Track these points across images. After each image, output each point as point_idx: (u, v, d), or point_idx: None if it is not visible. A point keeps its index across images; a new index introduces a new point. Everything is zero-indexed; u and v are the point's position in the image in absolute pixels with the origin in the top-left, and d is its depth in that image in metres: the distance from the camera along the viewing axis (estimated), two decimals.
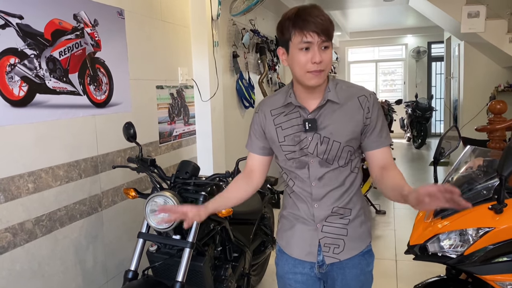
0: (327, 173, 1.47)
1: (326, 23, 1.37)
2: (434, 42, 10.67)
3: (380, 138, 1.47)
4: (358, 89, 1.48)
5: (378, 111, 1.47)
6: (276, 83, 5.92)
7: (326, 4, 6.58)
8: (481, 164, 1.99)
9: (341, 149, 1.45)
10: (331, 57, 1.41)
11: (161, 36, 3.02)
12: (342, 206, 1.49)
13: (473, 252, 1.72)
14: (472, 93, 6.20)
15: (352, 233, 1.51)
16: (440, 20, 6.24)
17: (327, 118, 1.45)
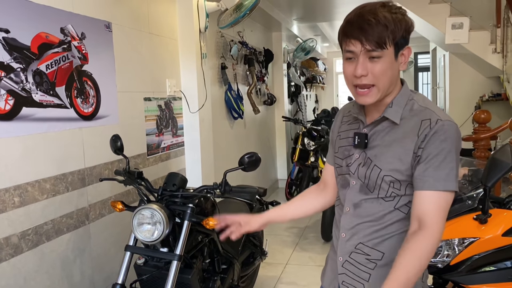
0: (364, 202, 1.24)
1: (376, 28, 1.13)
2: (420, 53, 10.83)
3: (426, 175, 1.14)
4: (430, 111, 1.19)
5: (442, 144, 1.13)
6: (265, 94, 5.96)
7: (313, 16, 6.67)
8: (466, 173, 2.02)
9: (381, 177, 1.20)
10: (384, 69, 1.17)
11: (148, 48, 3.04)
12: (371, 245, 1.24)
13: (459, 262, 1.74)
14: (457, 103, 6.31)
15: (376, 281, 1.23)
16: (426, 32, 6.35)
17: (379, 137, 1.24)
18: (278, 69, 6.63)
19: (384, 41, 1.15)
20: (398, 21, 1.16)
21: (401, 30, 1.16)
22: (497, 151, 1.72)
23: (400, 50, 1.18)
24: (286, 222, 1.88)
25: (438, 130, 1.14)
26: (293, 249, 4.21)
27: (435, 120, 1.15)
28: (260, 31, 6.01)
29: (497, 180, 1.65)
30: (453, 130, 1.15)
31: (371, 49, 1.15)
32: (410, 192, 1.19)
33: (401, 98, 1.23)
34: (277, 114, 6.71)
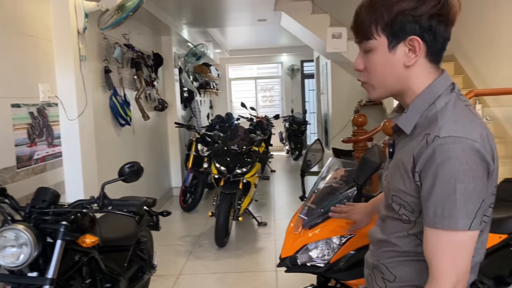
0: (387, 218, 1.11)
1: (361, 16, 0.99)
2: (305, 61, 11.45)
3: (426, 211, 0.95)
4: (435, 122, 0.95)
5: (437, 169, 0.90)
6: (155, 99, 5.77)
7: (203, 21, 6.65)
8: (343, 174, 2.13)
9: (391, 197, 1.05)
10: (376, 65, 1.01)
11: (17, 49, 2.73)
12: (386, 265, 1.11)
13: (338, 259, 1.81)
14: (339, 108, 6.76)
15: None
16: (309, 40, 6.70)
17: (398, 148, 1.07)
18: (169, 74, 6.48)
19: (368, 30, 0.98)
20: (392, 3, 0.95)
21: (394, 14, 0.95)
22: (367, 151, 1.83)
23: (399, 41, 0.97)
24: None
25: (434, 150, 0.91)
26: (187, 258, 4.11)
27: (433, 137, 0.92)
28: (149, 34, 5.82)
29: (367, 178, 1.76)
30: (459, 148, 0.89)
31: (359, 41, 1.03)
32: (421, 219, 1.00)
33: (421, 101, 0.99)
34: (169, 120, 6.55)
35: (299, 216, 1.98)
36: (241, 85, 12.19)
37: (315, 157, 2.26)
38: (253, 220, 5.14)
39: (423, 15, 0.94)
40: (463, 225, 0.90)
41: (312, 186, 2.13)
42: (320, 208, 1.92)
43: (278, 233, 4.76)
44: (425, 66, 0.99)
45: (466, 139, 0.90)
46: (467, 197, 0.89)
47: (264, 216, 5.40)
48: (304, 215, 1.94)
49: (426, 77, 1.00)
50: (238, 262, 3.98)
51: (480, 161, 0.90)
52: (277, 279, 3.58)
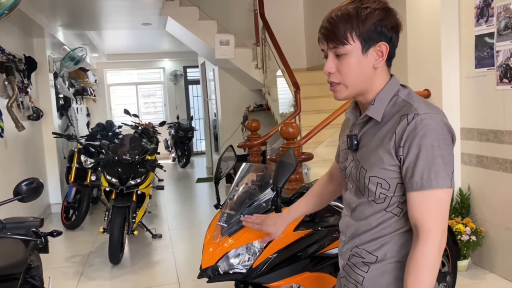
0: (358, 205, 1.22)
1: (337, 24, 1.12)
2: (189, 66, 11.40)
3: (412, 175, 1.09)
4: (409, 106, 1.13)
5: (422, 140, 1.07)
6: (29, 107, 5.20)
7: (80, 23, 6.20)
8: (255, 179, 2.16)
9: (368, 178, 1.16)
10: (352, 66, 1.14)
11: None
12: (366, 249, 1.21)
13: (260, 263, 1.82)
14: (228, 113, 6.86)
15: (369, 283, 1.21)
16: (196, 46, 6.70)
17: (366, 137, 1.21)
18: (43, 80, 5.90)
19: (346, 37, 1.12)
20: (364, 15, 1.11)
21: (368, 24, 1.12)
22: (284, 155, 1.88)
23: (370, 46, 1.14)
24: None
25: (416, 125, 1.08)
26: (78, 280, 3.77)
27: (413, 115, 1.09)
28: (19, 36, 5.24)
29: (286, 180, 1.81)
30: (435, 122, 1.08)
31: (333, 46, 1.15)
32: (399, 193, 1.14)
33: (385, 94, 1.18)
34: (45, 130, 5.96)
35: (218, 224, 1.95)
36: (121, 91, 11.64)
37: (228, 164, 2.25)
38: (147, 232, 4.93)
39: (387, 26, 1.14)
40: (446, 184, 1.07)
41: (228, 193, 2.11)
42: (240, 213, 1.91)
43: (175, 244, 4.64)
44: (384, 68, 1.20)
45: (438, 115, 1.10)
46: (445, 160, 1.07)
47: (158, 227, 5.22)
48: (224, 222, 1.92)
49: (385, 77, 1.20)
50: (136, 278, 3.77)
51: (448, 132, 1.11)
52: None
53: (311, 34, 6.63)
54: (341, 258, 1.31)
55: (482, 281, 3.27)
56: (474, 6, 3.31)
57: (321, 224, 2.03)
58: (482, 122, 3.34)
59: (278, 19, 5.98)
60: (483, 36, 3.25)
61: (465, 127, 3.50)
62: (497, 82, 3.16)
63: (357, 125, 1.24)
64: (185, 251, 4.49)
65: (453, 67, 3.50)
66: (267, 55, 5.67)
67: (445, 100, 3.51)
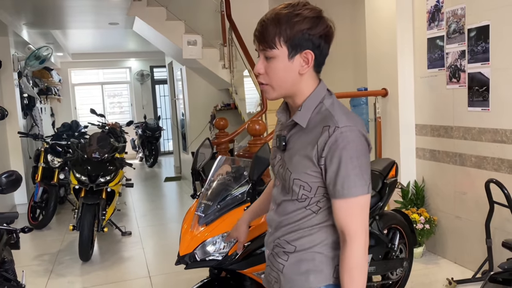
0: (283, 202, 1.31)
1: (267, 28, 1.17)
2: (156, 66, 11.38)
3: (334, 184, 1.17)
4: (331, 117, 1.19)
5: (343, 152, 1.14)
6: None
7: (44, 22, 6.14)
8: (229, 170, 2.28)
9: (292, 180, 1.24)
10: (278, 70, 1.19)
11: None
12: (287, 240, 1.30)
13: (236, 251, 1.94)
14: (196, 112, 6.95)
15: (288, 271, 1.30)
16: (163, 46, 6.75)
17: (293, 140, 1.27)
18: (7, 79, 5.82)
19: (272, 40, 1.16)
20: (294, 22, 1.15)
21: (296, 30, 1.15)
22: (259, 150, 2.00)
23: (296, 52, 1.18)
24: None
25: (337, 138, 1.14)
26: (48, 277, 3.80)
27: (333, 128, 1.15)
28: None
29: (261, 174, 1.94)
30: (353, 134, 1.15)
31: (262, 48, 1.19)
32: (319, 194, 1.22)
33: (311, 101, 1.22)
34: (9, 130, 5.88)
35: (196, 214, 2.06)
36: (86, 90, 11.48)
37: (204, 156, 2.37)
38: (116, 230, 4.97)
39: (316, 35, 1.18)
40: (364, 191, 1.17)
41: (204, 185, 2.22)
42: (217, 204, 2.03)
43: (145, 241, 4.71)
44: (312, 75, 1.24)
45: (356, 128, 1.17)
46: (363, 170, 1.16)
47: (128, 225, 5.26)
48: (201, 212, 2.03)
49: (312, 83, 1.25)
50: (107, 274, 3.83)
51: (365, 143, 1.19)
52: (152, 284, 3.57)
53: None
54: (266, 249, 1.40)
55: (435, 266, 3.53)
56: (426, 11, 3.57)
57: None
58: (434, 118, 3.61)
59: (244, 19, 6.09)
60: (434, 39, 3.52)
61: (419, 123, 3.77)
62: (447, 82, 3.43)
63: (286, 127, 1.30)
64: (155, 247, 4.57)
65: (408, 67, 3.75)
66: (234, 55, 5.80)
67: (401, 98, 3.76)
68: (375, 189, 2.74)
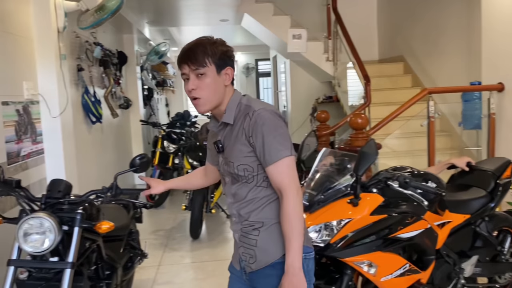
0: (236, 189, 1.55)
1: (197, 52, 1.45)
2: (260, 59, 11.75)
3: (264, 155, 1.45)
4: (249, 107, 1.49)
5: (263, 128, 1.44)
6: (120, 97, 5.80)
7: (163, 20, 6.74)
8: (333, 161, 2.36)
9: (236, 168, 1.51)
10: (210, 84, 1.46)
11: (2, 48, 2.77)
12: (252, 218, 1.54)
13: (337, 240, 2.03)
14: (297, 105, 7.10)
15: (262, 243, 1.54)
16: (268, 40, 6.99)
17: (227, 139, 1.55)
18: (131, 72, 6.51)
19: (203, 60, 1.45)
20: (214, 47, 1.47)
21: (218, 53, 1.47)
22: (365, 146, 2.07)
23: (222, 69, 1.48)
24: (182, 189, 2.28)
25: (256, 119, 1.45)
26: (163, 250, 4.26)
27: (252, 112, 1.46)
28: (112, 32, 5.85)
29: (366, 169, 2.01)
30: (267, 113, 1.46)
31: (195, 68, 1.45)
32: (261, 170, 1.50)
33: (232, 104, 1.52)
34: (132, 118, 6.59)
35: None
36: None
37: (309, 147, 2.48)
38: (222, 213, 5.35)
39: (230, 56, 1.52)
40: (287, 153, 1.44)
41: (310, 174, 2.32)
42: (321, 194, 2.12)
43: None
44: (230, 86, 1.55)
45: (269, 108, 1.49)
46: (282, 137, 1.45)
47: None
48: (306, 200, 2.13)
49: (231, 92, 1.55)
50: (214, 252, 4.18)
51: (279, 118, 1.48)
52: None
53: (384, 26, 6.66)
54: (235, 233, 1.63)
55: None
56: None
57: (395, 210, 2.17)
58: None
59: (350, 12, 6.08)
60: None
61: None
62: None
63: (218, 133, 1.58)
64: None
65: None
66: (338, 48, 5.82)
67: None
68: (486, 189, 2.63)
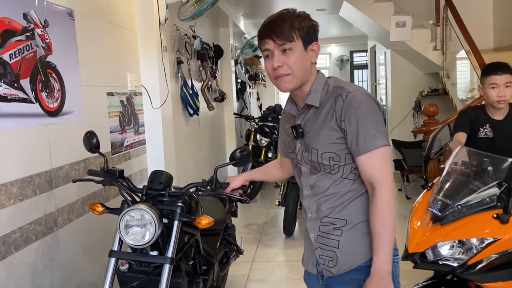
0: (316, 181, 1.41)
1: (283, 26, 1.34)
2: (356, 51, 11.27)
3: (357, 142, 1.30)
4: (340, 88, 1.35)
5: (358, 111, 1.29)
6: (216, 90, 5.85)
7: (258, 12, 6.66)
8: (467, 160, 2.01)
9: (320, 156, 1.36)
10: (296, 59, 1.34)
11: (109, 39, 2.83)
12: (334, 216, 1.38)
13: (477, 261, 1.71)
14: (398, 98, 6.61)
15: (345, 245, 1.38)
16: (368, 29, 6.59)
17: (309, 123, 1.41)
18: (226, 66, 6.54)
19: (292, 35, 1.34)
20: (301, 20, 1.36)
21: (305, 27, 1.36)
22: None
23: (308, 45, 1.37)
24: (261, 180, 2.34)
25: (350, 101, 1.30)
26: (257, 246, 4.17)
27: (346, 94, 1.32)
28: (209, 26, 5.90)
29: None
30: (363, 96, 1.32)
31: (281, 43, 1.34)
32: (350, 160, 1.35)
33: (318, 85, 1.39)
34: (226, 111, 6.62)
35: (429, 210, 1.86)
36: None
37: (440, 142, 2.14)
38: None
39: (316, 31, 1.40)
40: (384, 142, 1.30)
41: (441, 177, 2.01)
42: (457, 204, 1.80)
43: None
44: (314, 65, 1.43)
45: (363, 91, 1.35)
46: (379, 124, 1.31)
47: None
48: (437, 210, 1.83)
49: (315, 72, 1.44)
50: None
51: (375, 102, 1.34)
52: None
53: (501, 11, 5.92)
54: (311, 233, 1.46)
55: None
56: None
57: None
58: None
59: None
60: None
61: None
62: None
63: (298, 116, 1.45)
64: None
65: None
66: (448, 36, 5.27)
67: None
68: None
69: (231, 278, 3.40)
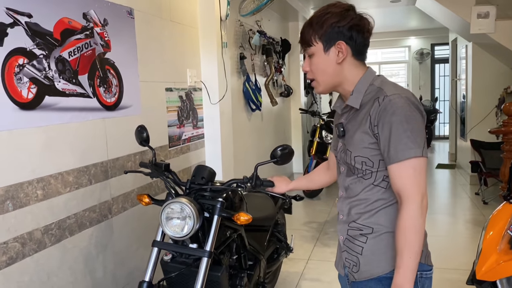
0: (350, 184, 1.38)
1: (305, 29, 1.33)
2: (437, 44, 10.61)
3: (388, 150, 1.23)
4: (380, 90, 1.28)
5: (392, 117, 1.21)
6: (281, 85, 5.84)
7: None
8: None
9: (353, 159, 1.32)
10: (318, 64, 1.33)
11: (169, 36, 2.93)
12: (362, 222, 1.35)
13: None
14: (480, 95, 6.12)
15: (367, 252, 1.34)
16: (447, 21, 6.17)
17: (350, 124, 1.37)
18: (294, 60, 6.49)
19: (309, 39, 1.32)
20: (322, 20, 1.29)
21: (325, 26, 1.29)
22: None
23: (331, 45, 1.30)
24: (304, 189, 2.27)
25: (386, 106, 1.23)
26: (314, 244, 4.11)
27: (382, 98, 1.24)
28: (277, 20, 5.88)
29: None
30: (401, 101, 1.22)
31: (304, 48, 1.35)
32: (383, 167, 1.28)
33: (362, 85, 1.32)
34: (293, 106, 6.59)
35: (508, 233, 1.69)
36: None
37: None
38: None
39: (344, 26, 1.28)
40: (417, 153, 1.21)
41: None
42: None
43: None
44: (353, 62, 1.34)
45: (404, 95, 1.24)
46: (415, 133, 1.21)
47: None
48: None
49: (358, 70, 1.34)
50: None
51: (415, 109, 1.24)
52: None
53: None
54: (340, 234, 1.44)
55: None
56: None
57: None
58: None
59: None
60: None
61: None
62: None
63: (342, 115, 1.40)
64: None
65: None
66: None
67: None
68: None
69: (284, 274, 3.39)
